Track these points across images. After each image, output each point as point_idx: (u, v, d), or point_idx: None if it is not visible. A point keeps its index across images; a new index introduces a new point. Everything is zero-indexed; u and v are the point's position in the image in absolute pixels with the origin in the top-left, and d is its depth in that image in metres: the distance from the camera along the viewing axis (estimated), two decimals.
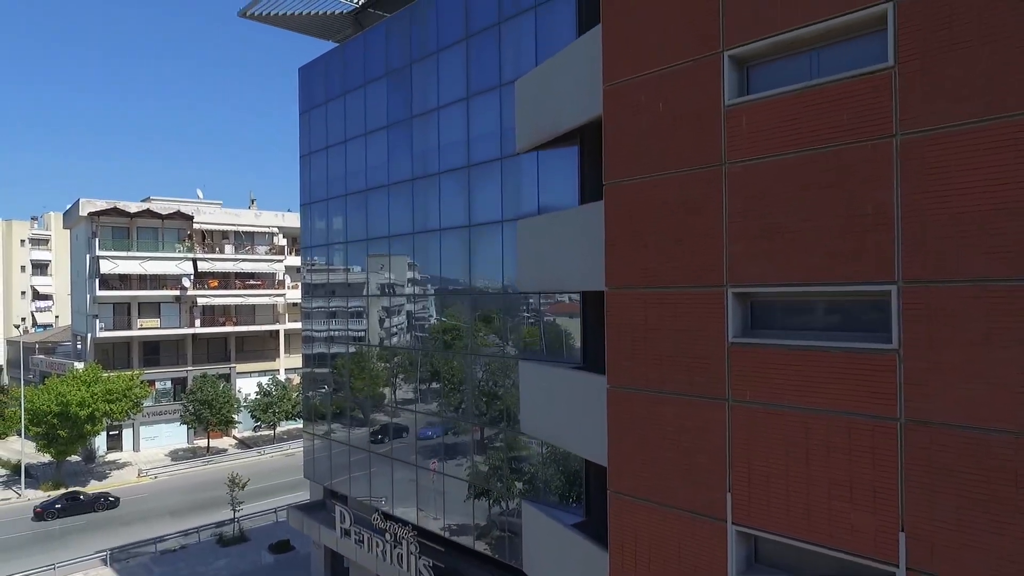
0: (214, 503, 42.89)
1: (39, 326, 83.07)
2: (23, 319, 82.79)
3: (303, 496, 38.06)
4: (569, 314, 16.09)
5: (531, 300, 17.50)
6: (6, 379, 75.26)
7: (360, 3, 25.63)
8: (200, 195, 70.06)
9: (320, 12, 26.26)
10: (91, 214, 54.95)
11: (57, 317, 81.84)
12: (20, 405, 48.67)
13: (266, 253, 64.03)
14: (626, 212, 11.53)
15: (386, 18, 22.81)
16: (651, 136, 10.99)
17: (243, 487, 38.83)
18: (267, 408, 56.63)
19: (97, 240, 54.99)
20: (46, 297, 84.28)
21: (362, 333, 25.79)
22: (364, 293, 25.11)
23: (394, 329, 24.01)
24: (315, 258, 29.06)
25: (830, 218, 8.74)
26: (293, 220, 66.09)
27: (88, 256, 55.83)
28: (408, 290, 22.91)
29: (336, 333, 27.51)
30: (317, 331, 29.59)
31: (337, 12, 26.41)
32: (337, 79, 24.76)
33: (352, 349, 26.71)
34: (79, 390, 46.84)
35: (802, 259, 9.03)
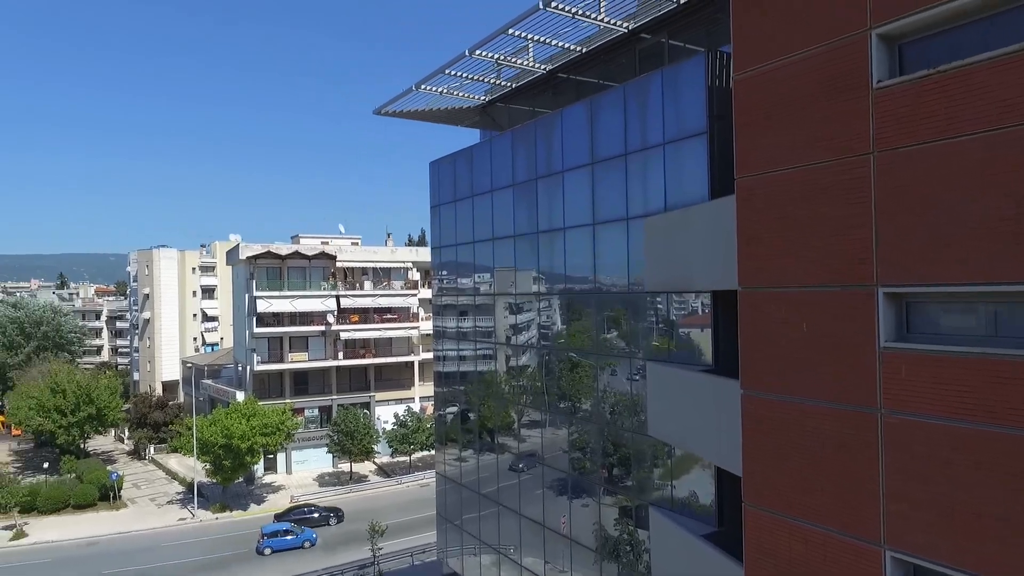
0: (356, 538, 45.64)
1: (208, 345, 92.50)
2: (195, 338, 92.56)
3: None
4: (701, 325, 15.74)
5: (659, 301, 17.06)
6: (181, 396, 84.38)
7: (487, 100, 26.15)
8: (342, 230, 74.82)
9: (448, 107, 27.11)
10: (249, 257, 60.31)
11: (222, 338, 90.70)
12: (192, 432, 54.38)
13: (401, 288, 67.17)
14: (760, 207, 11.05)
15: (512, 129, 23.13)
16: (785, 124, 10.65)
17: (382, 533, 41.07)
18: (404, 439, 59.48)
19: (254, 282, 60.26)
20: (213, 319, 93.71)
21: (490, 329, 25.62)
22: (491, 292, 24.98)
23: (522, 340, 23.79)
24: (445, 272, 29.37)
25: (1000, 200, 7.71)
26: (426, 254, 68.84)
27: (247, 295, 61.33)
28: (534, 304, 22.65)
29: (464, 354, 27.77)
30: (447, 353, 29.86)
31: (464, 107, 27.14)
32: (465, 179, 25.48)
33: (481, 366, 26.60)
34: (240, 423, 51.61)
35: (969, 255, 8.04)
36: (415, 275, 68.53)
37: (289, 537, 45.35)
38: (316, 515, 49.40)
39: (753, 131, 11.35)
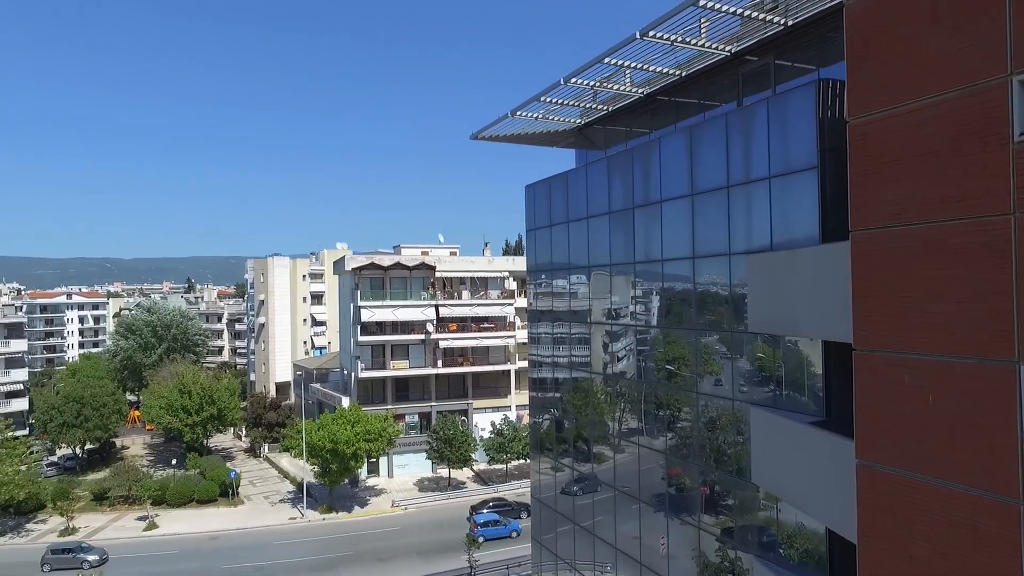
0: (454, 546, 46.39)
1: (316, 348, 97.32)
2: (304, 342, 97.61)
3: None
4: (809, 371, 14.76)
5: (764, 341, 16.14)
6: (292, 396, 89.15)
7: (582, 122, 25.82)
8: (441, 239, 76.47)
9: (543, 131, 26.99)
10: (354, 269, 62.83)
11: (329, 343, 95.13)
12: (302, 435, 57.25)
13: (498, 297, 67.83)
14: (879, 263, 10.33)
15: (608, 155, 22.70)
16: (909, 175, 9.92)
17: (479, 546, 41.59)
18: (500, 448, 60.06)
19: (359, 292, 62.72)
20: (321, 323, 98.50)
21: (585, 358, 25.13)
22: (587, 320, 24.50)
23: (618, 357, 23.16)
24: (542, 279, 29.06)
25: None
26: (523, 264, 69.25)
27: (352, 305, 63.92)
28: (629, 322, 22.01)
29: (559, 361, 27.33)
30: (542, 358, 29.53)
31: (559, 130, 26.93)
32: (560, 204, 25.27)
33: (576, 375, 26.10)
34: (346, 430, 53.81)
35: None
36: (511, 284, 69.04)
37: (499, 527, 49.10)
38: (507, 509, 52.80)
39: (871, 181, 10.49)
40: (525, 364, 64.55)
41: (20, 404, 75.43)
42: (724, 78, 20.29)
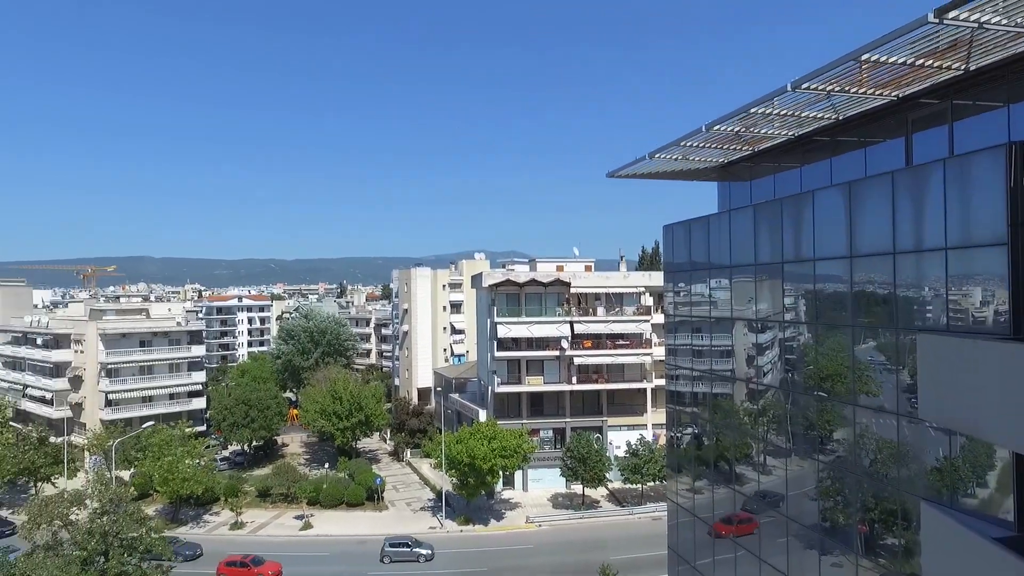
0: (587, 570, 46.06)
1: (455, 356, 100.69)
2: (444, 349, 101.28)
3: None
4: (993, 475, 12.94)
5: (938, 432, 14.32)
6: (433, 402, 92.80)
7: (725, 161, 24.51)
8: (576, 252, 76.22)
9: (681, 169, 25.93)
10: (490, 285, 64.17)
11: (467, 351, 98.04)
12: (442, 448, 59.33)
13: (634, 313, 66.47)
14: None
15: (754, 204, 21.31)
16: None
17: None
18: (635, 469, 58.85)
19: (495, 308, 63.98)
20: (460, 331, 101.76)
21: (728, 371, 23.60)
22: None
23: (764, 368, 21.53)
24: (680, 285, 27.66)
25: None
26: (659, 279, 67.37)
27: (488, 321, 65.33)
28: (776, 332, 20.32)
29: (699, 376, 25.86)
30: (681, 370, 28.16)
31: (701, 168, 25.74)
32: (701, 249, 24.10)
33: (717, 389, 24.67)
34: (482, 446, 55.07)
35: None
36: (648, 300, 67.38)
37: None
38: None
39: None
40: (662, 382, 62.80)
41: (199, 403, 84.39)
42: (890, 118, 18.37)
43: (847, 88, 16.31)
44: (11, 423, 75.80)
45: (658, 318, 65.38)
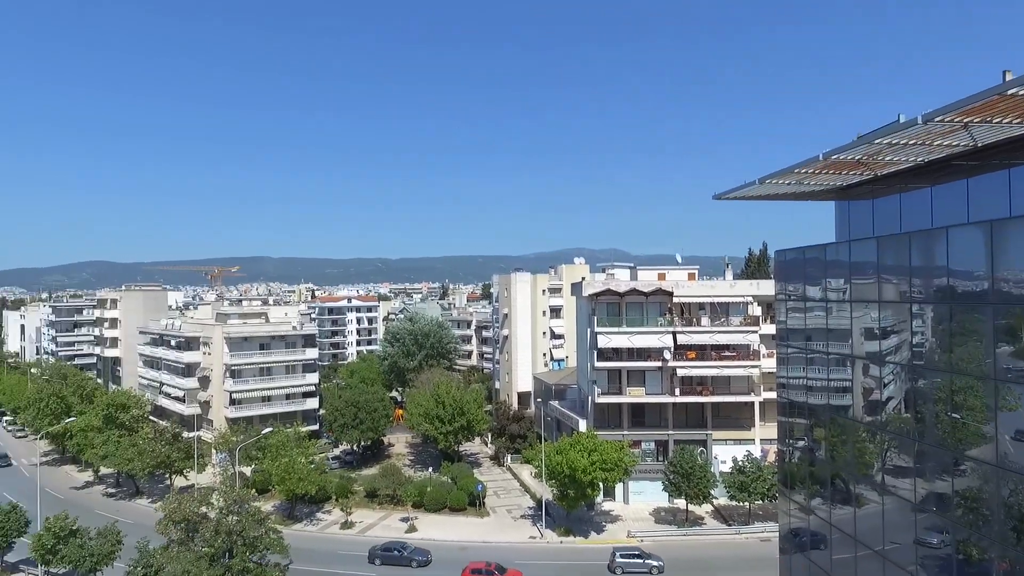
0: None
1: (555, 360, 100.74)
2: (544, 354, 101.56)
3: None
4: None
5: None
6: (532, 406, 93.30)
7: (844, 184, 22.94)
8: (679, 259, 74.27)
9: (796, 191, 24.53)
10: (590, 295, 63.62)
11: (567, 356, 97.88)
12: (541, 457, 59.46)
13: (740, 323, 63.90)
14: None
15: (877, 237, 19.77)
16: None
17: None
18: (742, 487, 56.59)
19: (595, 317, 63.38)
20: (559, 336, 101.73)
21: (846, 383, 21.82)
22: (848, 342, 21.24)
23: (885, 381, 19.84)
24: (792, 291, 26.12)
25: None
26: (768, 288, 64.39)
27: (588, 330, 64.82)
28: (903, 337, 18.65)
29: (814, 385, 24.18)
30: (793, 381, 26.51)
31: (817, 190, 24.25)
32: (816, 278, 22.67)
33: (834, 401, 22.95)
34: (582, 458, 54.72)
35: None
36: (755, 310, 64.58)
37: None
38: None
39: None
40: (771, 395, 60.04)
41: (313, 403, 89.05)
42: None
43: (988, 119, 14.80)
44: (150, 417, 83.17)
45: (767, 329, 62.58)
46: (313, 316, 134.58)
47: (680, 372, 62.75)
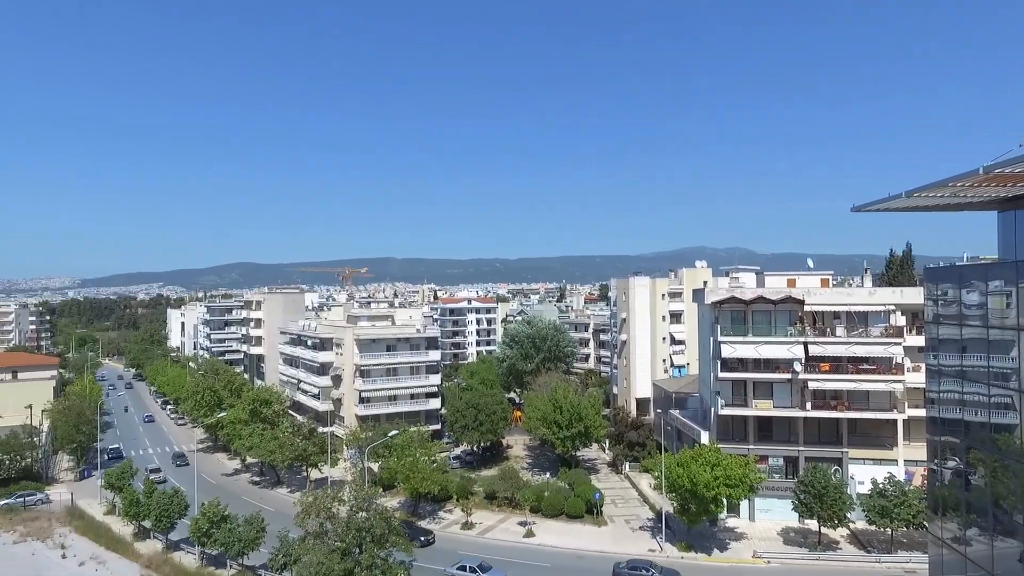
0: None
1: (675, 367, 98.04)
2: (664, 360, 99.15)
3: None
4: None
5: None
6: (651, 413, 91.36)
7: (1009, 195, 20.61)
8: (810, 264, 69.97)
9: (949, 203, 22.32)
10: (713, 303, 61.33)
11: (687, 364, 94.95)
12: (661, 470, 58.06)
13: (881, 334, 59.19)
14: None
15: None
16: None
17: None
18: (883, 512, 52.43)
19: (719, 326, 61.03)
20: (679, 342, 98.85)
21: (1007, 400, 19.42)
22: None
23: None
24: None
25: None
26: (913, 295, 59.33)
27: (711, 339, 62.52)
28: None
29: (971, 400, 21.65)
30: (944, 398, 24.11)
31: (975, 201, 21.93)
32: (976, 303, 20.49)
33: (996, 418, 20.48)
34: (705, 472, 52.89)
35: None
36: (898, 319, 59.59)
37: None
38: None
39: None
40: (917, 413, 55.14)
41: (435, 403, 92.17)
42: None
43: None
44: (289, 412, 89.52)
45: (912, 340, 57.68)
46: (435, 317, 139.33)
47: (812, 385, 59.06)
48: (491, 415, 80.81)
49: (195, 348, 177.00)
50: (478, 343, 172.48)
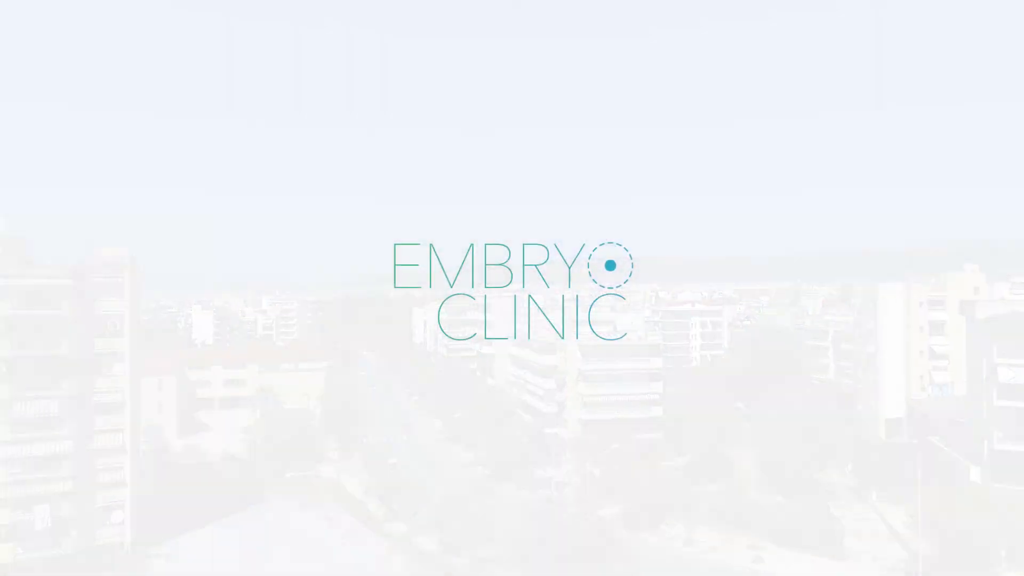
0: None
1: (936, 385, 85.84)
2: (921, 376, 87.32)
3: None
4: None
5: None
6: (903, 437, 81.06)
7: None
8: None
9: None
10: (987, 319, 52.72)
11: (951, 382, 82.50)
12: (916, 500, 51.30)
13: None
14: None
15: None
16: None
17: None
18: None
19: (995, 346, 52.38)
20: (941, 357, 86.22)
21: None
22: None
23: None
24: None
25: None
26: None
27: (985, 359, 53.84)
28: None
29: None
30: None
31: None
32: None
33: None
34: (975, 516, 45.79)
35: None
36: None
37: None
38: None
39: None
40: None
41: (657, 411, 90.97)
42: None
43: None
44: (516, 410, 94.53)
45: None
46: (656, 320, 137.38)
47: None
48: (714, 427, 77.84)
49: (436, 344, 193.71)
50: (703, 347, 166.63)
